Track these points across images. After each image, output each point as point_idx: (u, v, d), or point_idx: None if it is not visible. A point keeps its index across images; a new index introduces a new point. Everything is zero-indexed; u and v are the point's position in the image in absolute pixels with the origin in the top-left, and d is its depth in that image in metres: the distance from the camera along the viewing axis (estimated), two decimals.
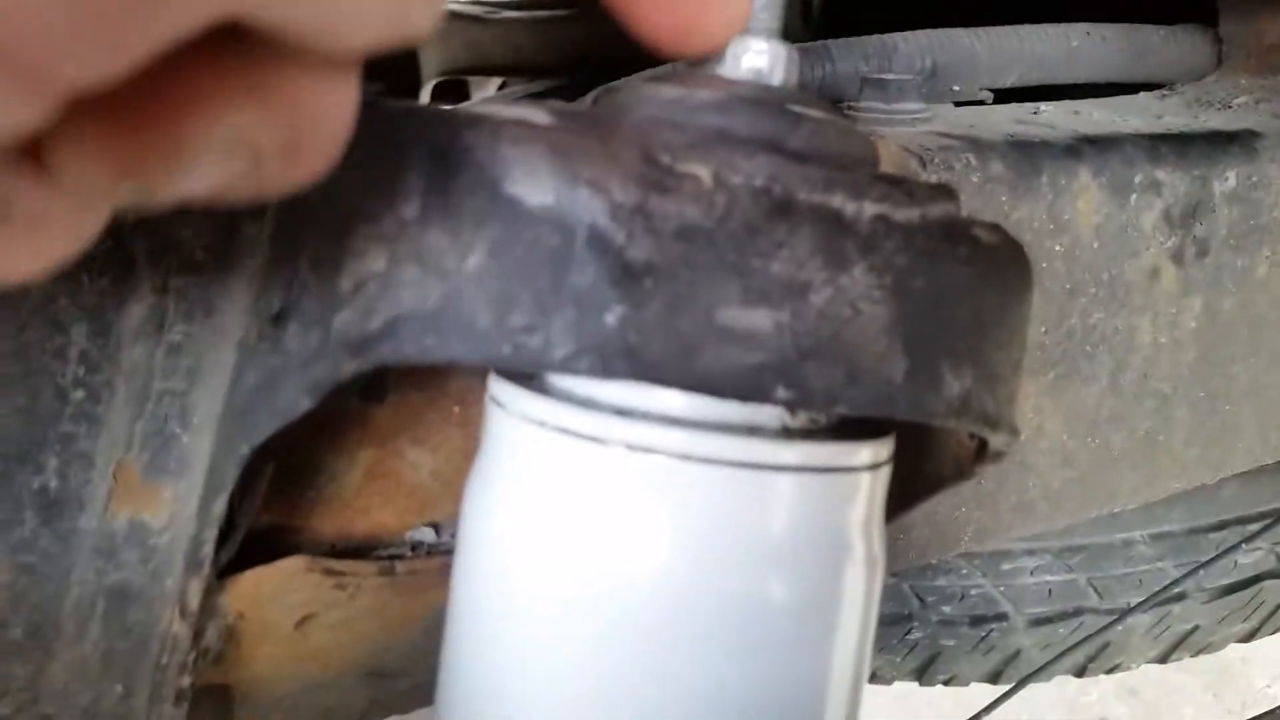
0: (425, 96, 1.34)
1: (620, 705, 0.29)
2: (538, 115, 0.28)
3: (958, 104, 0.64)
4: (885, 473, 0.33)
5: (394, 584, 0.41)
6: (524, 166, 0.26)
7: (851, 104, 0.56)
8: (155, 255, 0.33)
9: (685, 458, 0.29)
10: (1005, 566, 0.98)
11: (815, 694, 0.32)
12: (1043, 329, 0.55)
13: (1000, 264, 0.31)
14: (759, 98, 0.30)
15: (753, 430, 0.30)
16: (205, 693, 0.39)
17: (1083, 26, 0.69)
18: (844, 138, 0.31)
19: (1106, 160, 0.54)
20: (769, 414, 0.31)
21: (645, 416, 0.29)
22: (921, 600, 0.99)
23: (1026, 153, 0.52)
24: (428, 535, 0.43)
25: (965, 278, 0.30)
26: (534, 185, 0.26)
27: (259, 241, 0.32)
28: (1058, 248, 0.54)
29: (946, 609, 0.99)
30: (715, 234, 0.27)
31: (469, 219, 0.26)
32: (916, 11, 0.72)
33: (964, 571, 0.98)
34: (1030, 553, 0.99)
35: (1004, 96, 0.65)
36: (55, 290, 0.33)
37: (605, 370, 0.27)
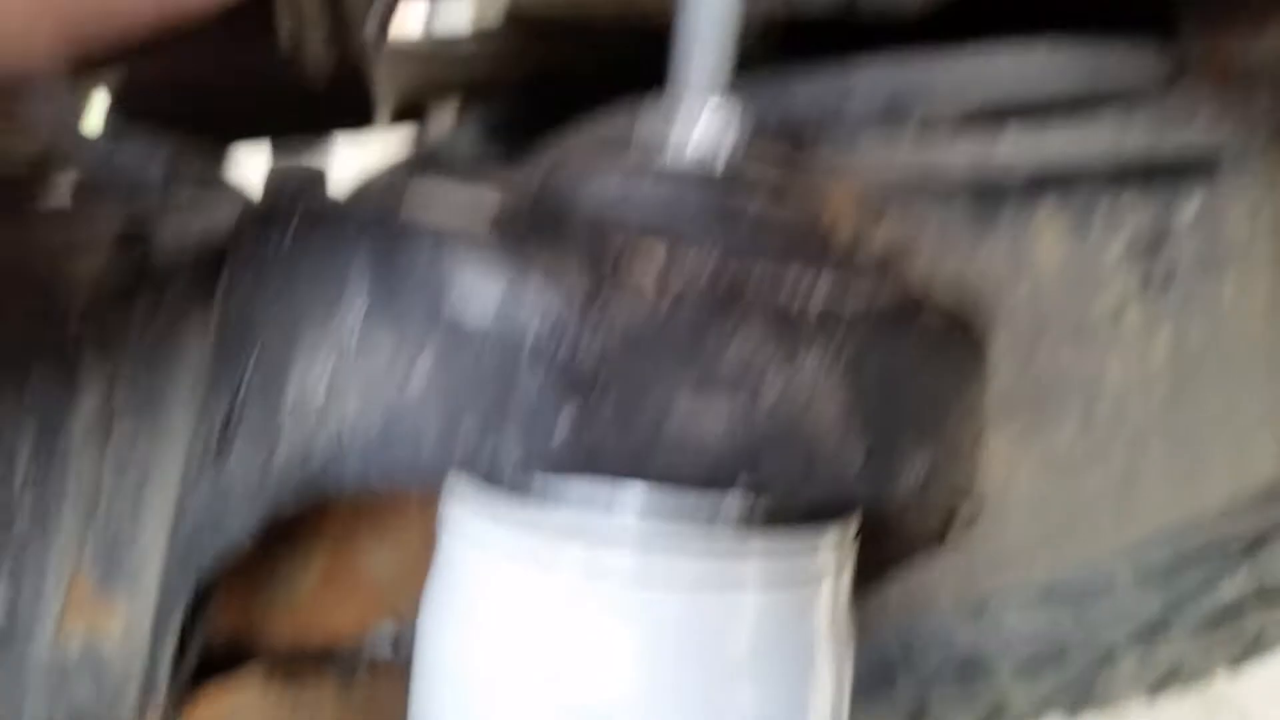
0: (383, 120, 1.34)
1: None
2: (480, 221, 0.27)
3: (920, 129, 0.64)
4: (848, 566, 0.32)
5: (354, 688, 0.39)
6: (466, 280, 0.25)
7: (809, 145, 0.56)
8: (103, 343, 0.32)
9: (638, 579, 0.28)
10: (988, 611, 0.97)
11: None
12: (1009, 374, 0.54)
13: (951, 340, 0.31)
14: (705, 182, 0.29)
15: (709, 545, 0.29)
16: None
17: (1043, 45, 0.69)
18: (793, 218, 0.30)
19: (1067, 196, 0.54)
20: (729, 506, 0.30)
21: (598, 539, 0.28)
22: (905, 650, 0.97)
23: (985, 193, 0.52)
24: (387, 637, 0.42)
25: (920, 357, 0.29)
26: (477, 299, 0.25)
27: (205, 335, 0.31)
28: (1021, 288, 0.53)
29: (932, 657, 0.98)
30: (664, 332, 0.26)
31: (412, 334, 0.26)
32: (877, 34, 0.72)
33: (948, 618, 0.97)
34: (1013, 595, 0.99)
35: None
36: (3, 384, 0.32)
37: (558, 477, 0.26)
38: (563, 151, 0.54)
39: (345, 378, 0.26)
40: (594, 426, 0.26)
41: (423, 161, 1.03)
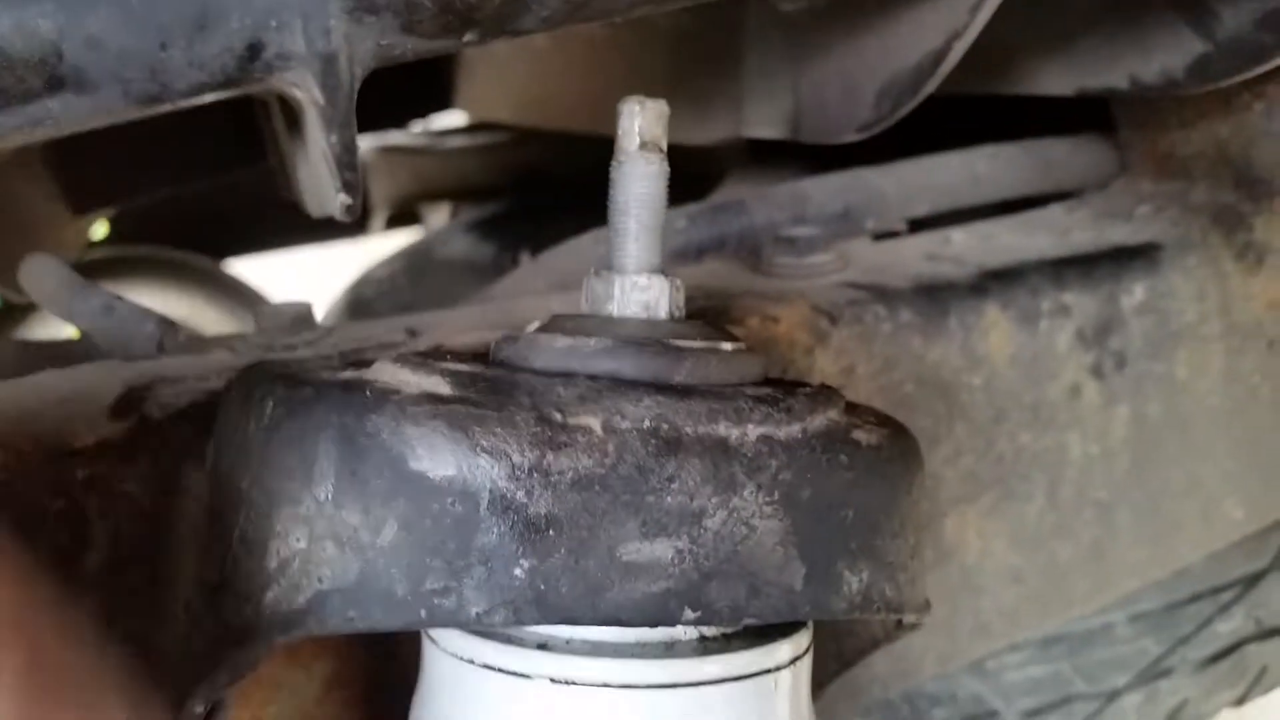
0: (378, 225, 1.39)
1: None
2: (440, 384, 0.31)
3: (876, 237, 0.67)
4: (806, 661, 0.35)
5: None
6: (426, 443, 0.28)
7: (766, 260, 0.59)
8: (107, 502, 0.36)
9: (606, 686, 0.31)
10: (990, 665, 0.99)
11: None
12: (973, 457, 0.57)
13: (884, 459, 0.34)
14: (644, 338, 0.33)
15: (670, 648, 0.32)
16: None
17: (988, 149, 0.73)
18: (726, 364, 0.33)
19: (1013, 293, 0.57)
20: (685, 631, 0.33)
21: (566, 648, 0.31)
22: (913, 706, 0.99)
23: (934, 296, 0.55)
24: None
25: (850, 481, 0.32)
26: (436, 460, 0.28)
27: (199, 501, 0.34)
28: (975, 381, 0.56)
29: (938, 713, 0.99)
30: (609, 478, 0.29)
31: (379, 496, 0.29)
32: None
33: (951, 674, 0.99)
34: (1014, 648, 1.00)
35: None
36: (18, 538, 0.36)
37: (518, 620, 0.29)
38: (502, 292, 0.58)
39: (321, 538, 0.29)
40: (548, 571, 0.29)
41: (417, 261, 1.07)
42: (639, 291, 0.34)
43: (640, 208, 0.34)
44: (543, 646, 0.31)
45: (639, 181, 0.34)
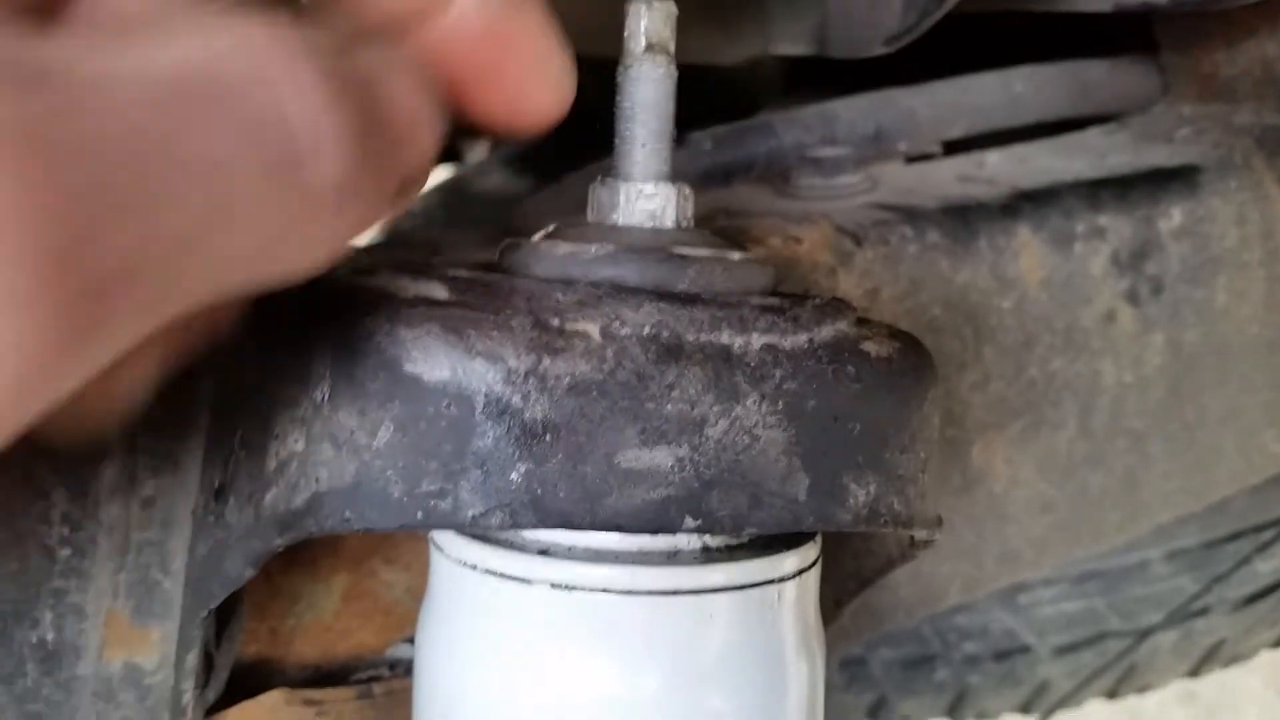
0: None
1: None
2: (437, 289, 0.30)
3: (909, 160, 0.65)
4: (813, 574, 0.35)
5: (373, 705, 0.43)
6: (421, 346, 0.28)
7: (793, 182, 0.58)
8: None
9: (607, 591, 0.31)
10: (1023, 599, 0.98)
11: None
12: (1002, 382, 0.56)
13: (895, 372, 0.33)
14: (647, 246, 0.32)
15: (673, 556, 0.32)
16: None
17: (1025, 70, 0.70)
18: (731, 273, 0.33)
19: (1045, 215, 0.55)
20: (689, 538, 0.33)
21: (568, 554, 0.31)
22: (943, 640, 0.99)
23: (963, 217, 0.54)
24: (407, 653, 0.45)
25: (858, 393, 0.32)
26: (431, 363, 0.28)
27: (205, 403, 0.34)
28: (1005, 304, 0.55)
29: (969, 646, 0.99)
30: (607, 384, 0.29)
31: (375, 398, 0.28)
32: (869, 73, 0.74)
33: (982, 607, 0.98)
34: (1047, 583, 0.99)
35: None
36: (34, 458, 0.36)
37: (515, 524, 0.29)
38: (521, 217, 0.57)
39: (319, 439, 0.29)
40: (545, 476, 0.28)
41: (454, 195, 1.07)
42: (644, 200, 0.33)
43: (647, 113, 0.33)
44: (544, 553, 0.31)
45: (645, 86, 0.33)
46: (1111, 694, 1.06)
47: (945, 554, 0.59)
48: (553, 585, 0.31)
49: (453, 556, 0.32)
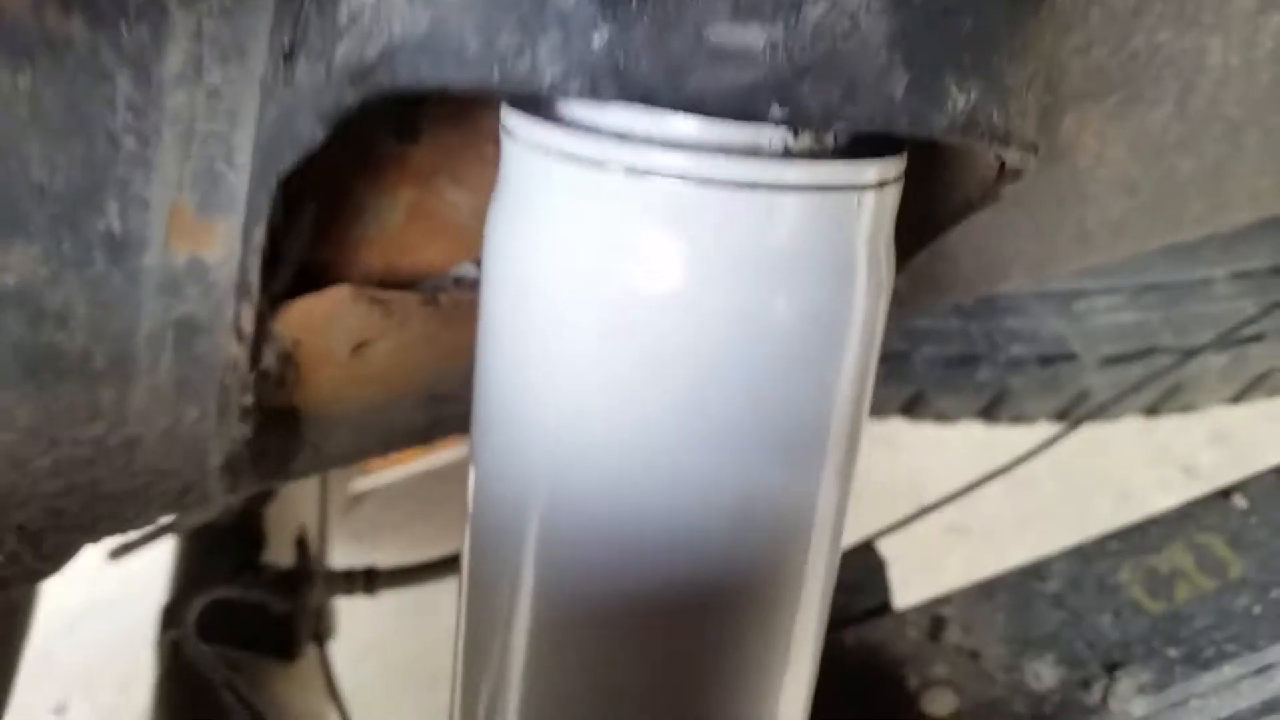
0: None
1: (623, 411, 0.31)
2: None
3: None
4: (893, 192, 0.33)
5: (440, 315, 0.43)
6: None
7: None
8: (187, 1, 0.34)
9: (684, 179, 0.30)
10: (1079, 306, 0.98)
11: (818, 410, 0.33)
12: (1105, 50, 0.52)
13: None
14: None
15: (754, 151, 0.31)
16: (274, 415, 0.43)
17: None
18: None
19: None
20: (771, 135, 0.31)
21: (646, 140, 0.30)
22: (990, 340, 0.99)
23: None
24: (470, 271, 0.45)
25: None
26: None
27: None
28: None
29: (1016, 348, 0.99)
30: None
31: None
32: None
33: (1035, 311, 0.98)
34: (1106, 291, 0.98)
35: None
36: (97, 42, 0.35)
37: (594, 92, 0.27)
38: None
39: None
40: (628, 44, 0.27)
41: None
42: None
43: None
44: (621, 136, 0.30)
45: None
46: (1152, 410, 1.07)
47: (1016, 229, 0.58)
48: (627, 170, 0.30)
49: (524, 140, 0.31)
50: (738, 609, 0.33)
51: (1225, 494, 0.60)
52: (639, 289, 0.31)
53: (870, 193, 0.32)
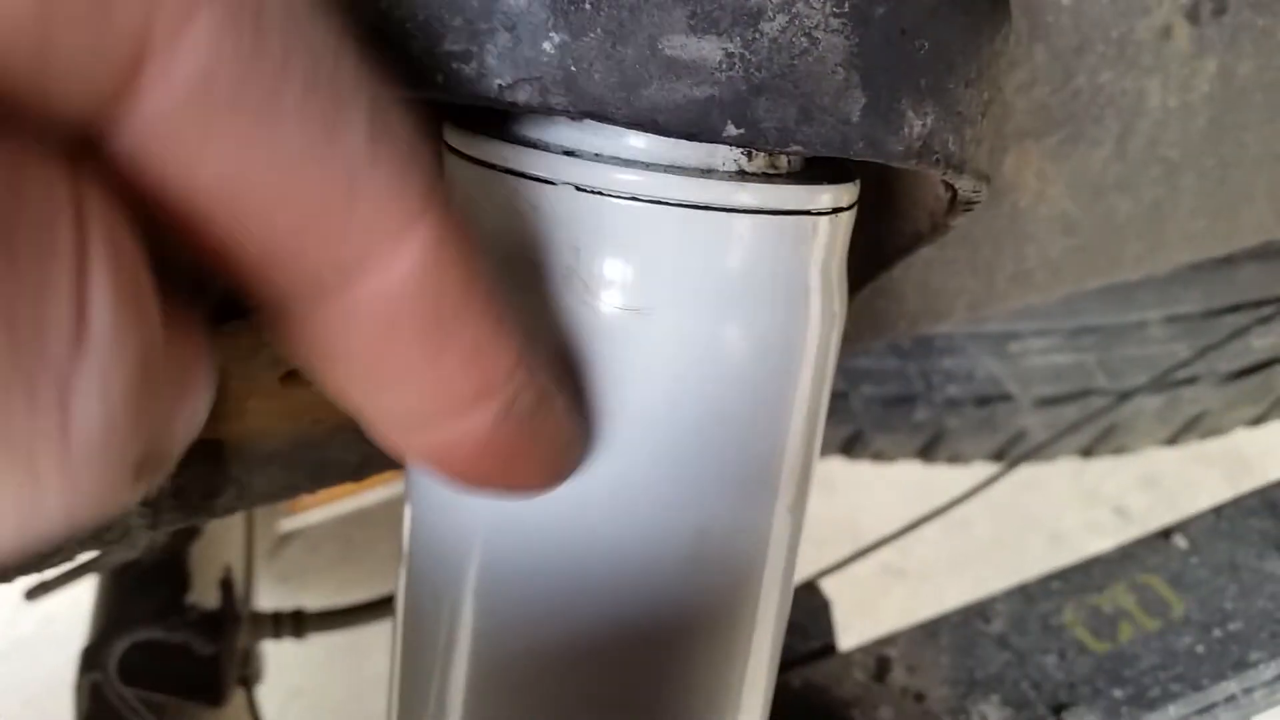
0: None
1: None
2: None
3: None
4: (846, 220, 0.33)
5: None
6: None
7: None
8: None
9: (635, 199, 0.29)
10: (1014, 347, 0.98)
11: (771, 441, 0.32)
12: (1048, 88, 0.53)
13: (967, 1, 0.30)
14: None
15: (706, 172, 0.30)
16: (197, 448, 0.41)
17: None
18: None
19: None
20: (725, 155, 0.30)
21: (595, 157, 0.29)
22: (927, 381, 0.99)
23: None
24: None
25: (931, 8, 0.28)
26: None
27: None
28: (1065, 1, 0.51)
29: (952, 389, 1.00)
30: None
31: None
32: None
33: (970, 352, 0.98)
34: (1040, 333, 0.99)
35: None
36: None
37: (545, 101, 0.26)
38: None
39: None
40: (580, 51, 0.26)
41: None
42: None
43: None
44: (569, 154, 0.29)
45: None
46: (1087, 452, 1.08)
47: (958, 267, 0.58)
48: (578, 188, 0.29)
49: (470, 156, 0.30)
50: (688, 648, 0.32)
51: (1166, 534, 0.61)
52: (587, 312, 0.29)
53: (824, 219, 0.31)
